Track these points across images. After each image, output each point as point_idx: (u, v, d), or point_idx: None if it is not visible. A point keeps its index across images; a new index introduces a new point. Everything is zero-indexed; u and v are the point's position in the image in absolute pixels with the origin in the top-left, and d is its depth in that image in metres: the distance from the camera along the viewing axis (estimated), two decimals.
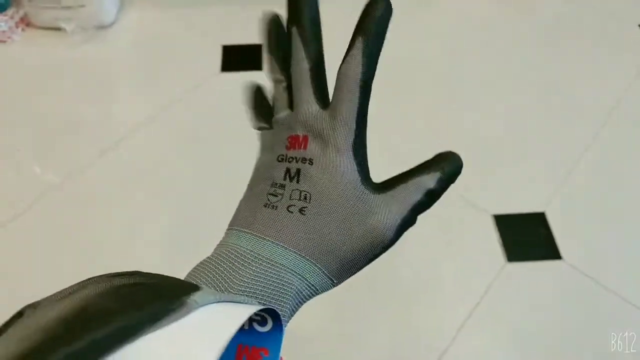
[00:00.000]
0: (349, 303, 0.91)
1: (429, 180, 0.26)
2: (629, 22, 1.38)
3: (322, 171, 0.27)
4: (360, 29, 0.26)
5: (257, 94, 0.31)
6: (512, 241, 0.98)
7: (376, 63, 0.26)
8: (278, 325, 0.22)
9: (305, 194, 0.27)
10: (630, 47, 1.33)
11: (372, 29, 0.25)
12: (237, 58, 1.28)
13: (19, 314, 0.19)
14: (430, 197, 0.27)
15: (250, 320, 0.22)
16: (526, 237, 1.00)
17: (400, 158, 1.05)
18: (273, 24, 0.30)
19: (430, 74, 1.26)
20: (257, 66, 1.25)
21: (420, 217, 0.27)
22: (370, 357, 0.87)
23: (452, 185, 0.27)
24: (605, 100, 1.21)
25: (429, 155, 0.27)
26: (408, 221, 0.27)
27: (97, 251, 0.97)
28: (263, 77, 0.32)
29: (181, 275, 0.26)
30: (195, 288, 0.20)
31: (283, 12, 0.31)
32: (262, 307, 0.21)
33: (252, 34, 1.32)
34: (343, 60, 0.26)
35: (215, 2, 1.40)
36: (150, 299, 0.18)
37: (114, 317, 0.16)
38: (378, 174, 0.28)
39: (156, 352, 0.16)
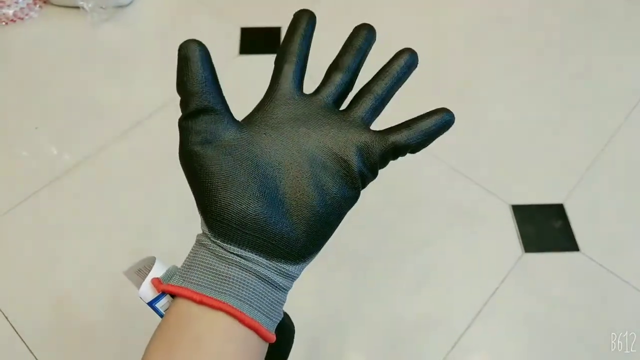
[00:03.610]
0: (364, 286, 0.91)
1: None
2: None
3: None
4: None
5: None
6: (530, 232, 0.97)
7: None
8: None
9: None
10: None
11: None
12: (255, 40, 1.27)
13: None
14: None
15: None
16: (544, 228, 0.98)
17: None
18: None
19: (451, 65, 1.24)
20: (276, 49, 1.23)
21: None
22: (385, 341, 0.87)
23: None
24: (629, 93, 1.18)
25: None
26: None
27: (113, 233, 0.97)
28: None
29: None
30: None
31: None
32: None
33: (271, 17, 1.31)
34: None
35: None
36: None
37: None
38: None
39: None
